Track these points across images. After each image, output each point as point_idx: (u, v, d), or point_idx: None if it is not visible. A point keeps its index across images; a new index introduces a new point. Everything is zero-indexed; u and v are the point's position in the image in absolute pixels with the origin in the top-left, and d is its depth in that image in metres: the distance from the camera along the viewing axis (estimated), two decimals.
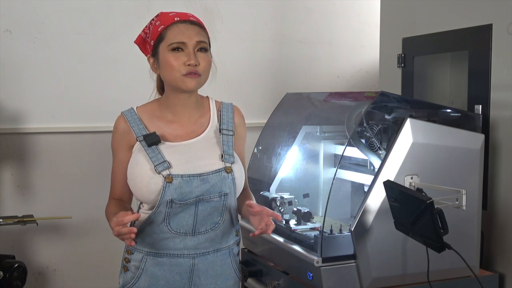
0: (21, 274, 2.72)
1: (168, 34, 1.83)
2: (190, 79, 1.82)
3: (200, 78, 1.84)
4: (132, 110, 1.93)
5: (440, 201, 1.90)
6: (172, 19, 1.86)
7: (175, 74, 1.82)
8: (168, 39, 1.83)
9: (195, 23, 1.88)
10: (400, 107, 2.36)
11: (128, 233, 1.65)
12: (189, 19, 1.87)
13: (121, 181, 1.91)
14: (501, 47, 2.35)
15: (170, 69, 1.82)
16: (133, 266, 1.90)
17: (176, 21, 1.85)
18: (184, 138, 1.89)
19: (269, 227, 1.73)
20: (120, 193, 1.93)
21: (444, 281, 2.17)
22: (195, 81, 1.83)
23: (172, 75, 1.83)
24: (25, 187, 3.25)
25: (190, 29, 1.85)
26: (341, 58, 3.99)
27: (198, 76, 1.83)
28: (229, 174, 1.86)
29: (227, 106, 2.01)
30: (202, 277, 1.90)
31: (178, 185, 1.80)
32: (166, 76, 1.85)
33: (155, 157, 1.82)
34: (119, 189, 1.93)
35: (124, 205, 1.91)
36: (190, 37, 1.83)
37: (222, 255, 1.93)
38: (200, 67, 1.83)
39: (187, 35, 1.83)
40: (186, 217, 1.84)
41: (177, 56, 1.82)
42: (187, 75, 1.81)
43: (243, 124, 2.02)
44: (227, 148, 1.90)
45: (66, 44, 3.29)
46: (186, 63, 1.81)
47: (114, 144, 1.93)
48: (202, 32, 1.88)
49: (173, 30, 1.84)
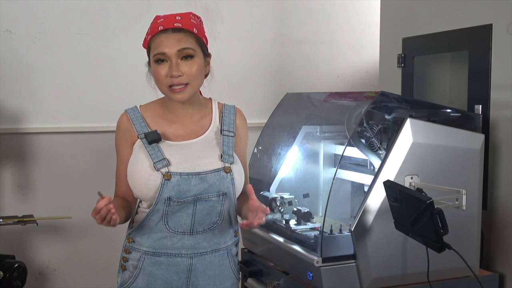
0: (21, 274, 2.73)
1: (152, 44, 1.84)
2: (176, 94, 1.83)
3: (187, 88, 1.83)
4: (136, 108, 1.94)
5: (440, 201, 1.90)
6: (157, 28, 1.85)
7: (162, 87, 1.85)
8: (153, 50, 1.84)
9: (178, 29, 1.83)
10: (400, 107, 2.36)
11: (107, 212, 1.68)
12: (172, 26, 1.83)
13: (124, 179, 1.91)
14: (501, 47, 2.35)
15: (157, 80, 1.85)
16: (131, 265, 1.90)
17: (160, 30, 1.83)
18: (185, 138, 1.90)
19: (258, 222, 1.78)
20: (124, 192, 1.93)
21: (444, 281, 2.17)
22: (181, 94, 1.83)
23: (160, 87, 1.86)
24: (25, 187, 3.26)
25: (171, 38, 1.81)
26: (341, 58, 3.99)
27: (184, 87, 1.82)
28: (228, 174, 1.86)
29: (229, 108, 2.01)
30: (200, 277, 1.90)
31: (177, 183, 1.80)
32: (157, 86, 1.87)
33: (154, 155, 1.82)
34: (123, 187, 1.93)
35: (123, 201, 1.92)
36: (171, 47, 1.80)
37: (220, 255, 1.93)
38: (184, 77, 1.81)
39: (167, 45, 1.81)
40: (184, 216, 1.84)
41: (161, 67, 1.82)
42: (171, 89, 1.82)
43: (245, 127, 2.02)
44: (227, 149, 1.90)
45: (66, 44, 3.29)
46: (168, 75, 1.81)
47: (117, 141, 1.94)
48: (187, 37, 1.83)
49: (156, 40, 1.83)
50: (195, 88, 1.86)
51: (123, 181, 1.92)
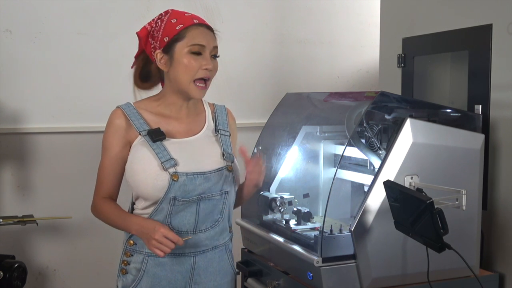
0: (21, 274, 2.72)
1: (188, 34, 1.83)
2: (199, 90, 1.84)
3: (208, 84, 1.87)
4: (130, 105, 1.91)
5: (440, 201, 1.90)
6: (191, 20, 1.85)
7: (188, 78, 1.83)
8: (188, 40, 1.82)
9: (211, 28, 1.89)
10: (400, 107, 2.36)
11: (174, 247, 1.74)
12: (205, 23, 1.88)
13: (113, 179, 1.89)
14: (501, 47, 2.35)
15: (185, 70, 1.82)
16: (133, 268, 1.88)
17: (195, 23, 1.85)
18: (184, 134, 1.90)
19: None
20: (110, 192, 1.90)
21: (444, 281, 2.17)
22: (203, 92, 1.86)
23: (186, 77, 1.83)
24: (25, 187, 3.26)
25: (208, 34, 1.86)
26: (341, 58, 3.99)
27: (205, 87, 1.86)
28: (230, 172, 1.88)
29: (221, 108, 2.03)
30: (202, 274, 1.91)
31: (183, 182, 1.80)
32: (178, 76, 1.84)
33: (161, 153, 1.81)
34: (110, 187, 1.90)
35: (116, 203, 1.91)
36: (209, 42, 1.85)
37: (220, 251, 1.95)
38: (212, 72, 1.86)
39: (207, 39, 1.84)
40: (188, 215, 1.84)
41: (196, 58, 1.83)
42: (198, 81, 1.83)
43: (235, 127, 2.07)
44: (226, 148, 1.92)
45: (66, 44, 3.29)
46: (203, 67, 1.82)
47: (109, 138, 1.88)
48: (215, 38, 1.89)
49: (194, 31, 1.83)
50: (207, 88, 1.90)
51: (111, 180, 1.89)
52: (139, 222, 1.79)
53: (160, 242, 1.71)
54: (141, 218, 1.82)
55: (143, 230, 1.76)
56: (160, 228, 1.72)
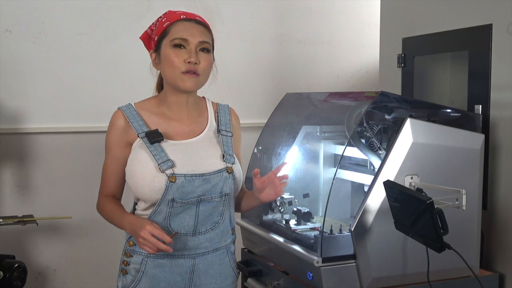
0: (21, 274, 2.72)
1: (172, 30, 1.84)
2: (188, 78, 1.82)
3: (199, 78, 1.84)
4: (131, 106, 1.90)
5: (440, 201, 1.90)
6: (178, 16, 1.86)
7: (175, 71, 1.82)
8: (171, 35, 1.83)
9: (201, 23, 1.88)
10: (400, 107, 2.36)
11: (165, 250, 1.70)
12: (195, 19, 1.88)
13: (115, 179, 1.90)
14: (501, 47, 2.35)
15: (170, 65, 1.82)
16: (132, 269, 1.88)
17: (182, 18, 1.85)
18: (184, 136, 1.89)
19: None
20: (113, 191, 1.91)
21: (444, 281, 2.17)
22: (193, 81, 1.83)
23: (171, 71, 1.82)
24: (25, 187, 3.26)
25: (194, 28, 1.85)
26: (341, 58, 3.99)
27: (196, 75, 1.83)
28: (230, 174, 1.86)
29: (224, 107, 2.01)
30: (202, 277, 1.90)
31: (181, 184, 1.79)
32: (166, 72, 1.85)
33: (158, 155, 1.81)
34: (112, 187, 1.91)
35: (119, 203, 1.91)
36: (193, 35, 1.83)
37: (221, 254, 1.93)
38: (199, 66, 1.83)
39: (191, 33, 1.83)
40: (187, 217, 1.84)
41: (178, 52, 1.82)
42: (186, 73, 1.81)
43: (239, 126, 2.04)
44: (227, 149, 1.91)
45: (66, 44, 3.29)
46: (186, 60, 1.81)
47: (111, 139, 1.89)
48: (207, 32, 1.88)
49: (177, 26, 1.84)
50: (203, 82, 1.88)
51: (113, 180, 1.90)
52: (132, 220, 1.78)
53: (145, 239, 1.69)
54: (134, 216, 1.82)
55: (133, 228, 1.76)
56: (146, 225, 1.70)
